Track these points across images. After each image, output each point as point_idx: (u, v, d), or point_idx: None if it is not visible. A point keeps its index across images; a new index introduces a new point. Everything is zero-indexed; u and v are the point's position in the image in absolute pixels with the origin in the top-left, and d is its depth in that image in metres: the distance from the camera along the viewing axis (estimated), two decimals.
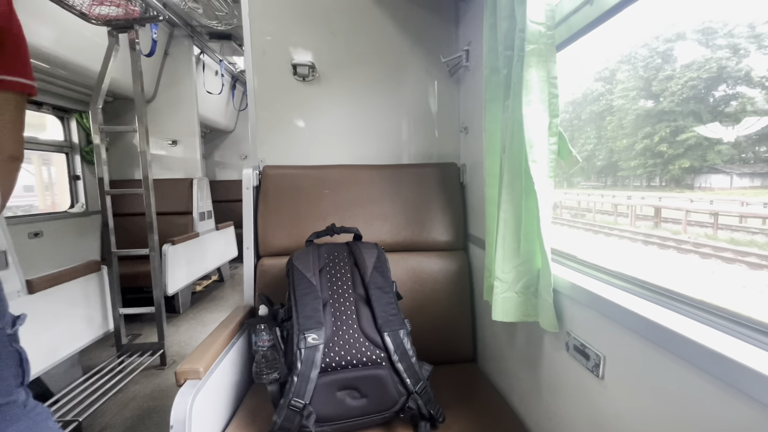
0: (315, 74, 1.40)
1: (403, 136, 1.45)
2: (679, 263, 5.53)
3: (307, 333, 0.90)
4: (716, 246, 5.50)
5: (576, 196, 10.79)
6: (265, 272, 1.27)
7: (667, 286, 0.63)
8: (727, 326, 0.51)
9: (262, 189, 1.32)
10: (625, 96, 10.37)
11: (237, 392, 1.08)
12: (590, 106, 12.72)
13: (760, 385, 0.41)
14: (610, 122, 10.90)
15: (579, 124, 13.46)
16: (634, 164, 9.84)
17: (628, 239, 7.37)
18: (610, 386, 0.65)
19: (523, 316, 0.84)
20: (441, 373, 1.19)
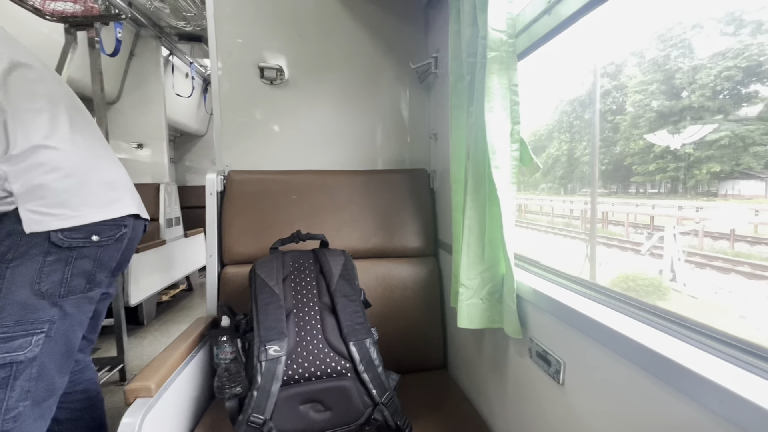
0: (283, 78, 1.37)
1: (373, 142, 1.44)
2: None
3: (269, 344, 0.86)
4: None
5: (571, 204, 9.96)
6: (229, 281, 1.22)
7: (625, 293, 0.64)
8: (679, 332, 0.52)
9: (227, 194, 1.28)
10: (643, 90, 9.13)
11: (196, 409, 1.02)
12: (595, 104, 11.44)
13: (704, 388, 0.41)
14: (623, 121, 9.93)
15: (581, 124, 12.57)
16: (653, 168, 8.68)
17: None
18: (570, 392, 0.65)
19: (488, 322, 0.84)
20: (411, 381, 1.17)
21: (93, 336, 1.15)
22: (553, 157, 13.37)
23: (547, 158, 13.29)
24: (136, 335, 2.52)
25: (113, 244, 0.98)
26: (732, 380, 0.40)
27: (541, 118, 14.79)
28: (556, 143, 13.28)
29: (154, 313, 2.83)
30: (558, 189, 13.41)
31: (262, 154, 1.38)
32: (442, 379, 1.21)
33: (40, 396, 0.86)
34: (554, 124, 13.77)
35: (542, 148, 14.27)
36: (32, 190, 0.84)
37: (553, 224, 9.34)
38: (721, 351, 0.46)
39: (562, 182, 13.31)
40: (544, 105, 14.25)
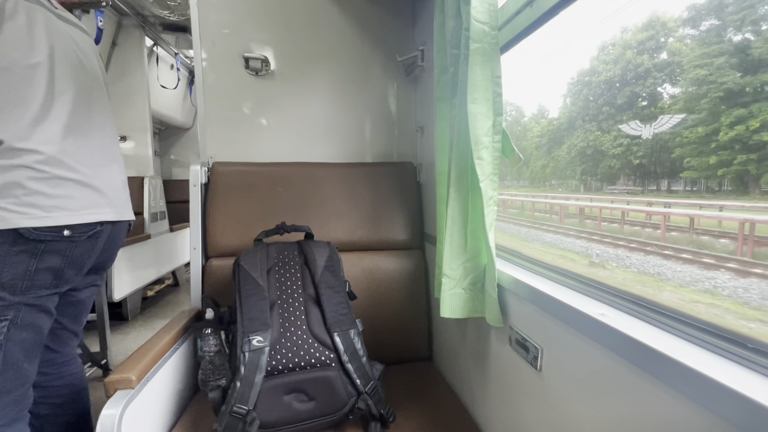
0: (268, 69, 1.35)
1: (359, 135, 1.44)
2: None
3: (252, 335, 0.86)
4: None
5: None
6: (214, 273, 1.21)
7: (600, 280, 0.66)
8: (653, 317, 0.54)
9: (211, 186, 1.26)
10: (708, 65, 7.09)
11: (180, 401, 1.01)
12: (632, 87, 9.40)
13: (676, 373, 0.42)
14: (671, 106, 7.79)
15: (611, 111, 9.99)
16: (714, 162, 7.19)
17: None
18: (547, 377, 0.66)
19: (470, 312, 0.85)
20: (396, 372, 1.19)
21: (76, 328, 1.13)
22: (578, 149, 11.25)
23: (569, 149, 11.54)
24: (120, 331, 2.49)
25: (86, 241, 0.97)
26: (706, 365, 0.41)
27: (559, 103, 12.23)
28: (579, 133, 11.18)
29: (138, 309, 2.79)
30: (578, 186, 11.73)
31: (247, 146, 1.37)
32: (427, 370, 1.22)
33: (9, 384, 0.86)
34: (578, 110, 11.44)
35: (559, 139, 12.42)
36: (5, 187, 0.84)
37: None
38: (695, 336, 0.47)
39: (582, 178, 11.64)
40: (564, 89, 12.21)
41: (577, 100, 11.61)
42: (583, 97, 11.52)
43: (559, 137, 11.99)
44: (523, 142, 16.13)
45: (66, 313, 1.07)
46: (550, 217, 9.40)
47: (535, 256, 0.74)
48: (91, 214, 0.96)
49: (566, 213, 9.06)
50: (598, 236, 6.65)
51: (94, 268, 1.10)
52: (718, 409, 0.37)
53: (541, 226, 8.21)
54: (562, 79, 13.16)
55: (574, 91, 11.94)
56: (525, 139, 16.10)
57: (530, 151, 15.61)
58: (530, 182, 15.36)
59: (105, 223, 1.01)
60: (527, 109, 19.94)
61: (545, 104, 18.63)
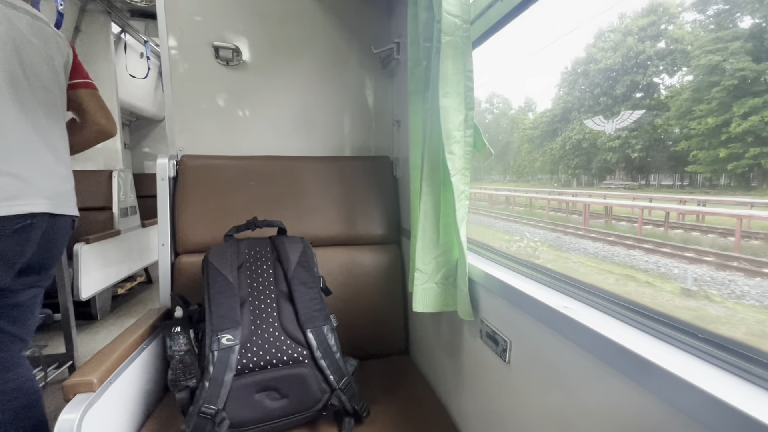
0: (240, 59, 1.31)
1: (335, 129, 1.41)
2: None
3: (221, 334, 0.84)
4: None
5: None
6: (184, 270, 1.18)
7: (566, 273, 0.67)
8: (615, 310, 0.55)
9: (180, 180, 1.22)
10: (722, 50, 6.37)
11: (148, 403, 0.98)
12: (632, 75, 8.71)
13: (635, 365, 0.43)
14: (679, 95, 7.09)
15: (608, 102, 9.16)
16: (724, 155, 6.63)
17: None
18: (516, 369, 0.67)
19: (442, 306, 0.85)
20: (373, 367, 1.19)
21: (20, 331, 1.04)
22: (573, 142, 10.56)
23: (564, 142, 10.94)
24: (89, 330, 2.39)
25: (12, 236, 0.90)
26: (661, 357, 0.42)
27: (552, 94, 11.14)
28: (575, 125, 10.48)
29: (108, 307, 2.69)
30: (570, 180, 11.19)
31: (218, 139, 1.32)
32: (403, 364, 1.23)
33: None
34: (573, 101, 10.68)
35: (553, 131, 11.67)
36: None
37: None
38: (662, 333, 0.48)
39: (575, 172, 11.18)
40: (558, 80, 11.25)
41: (572, 90, 10.86)
42: (579, 87, 10.72)
43: (552, 129, 11.40)
44: (515, 134, 15.69)
45: (3, 315, 0.99)
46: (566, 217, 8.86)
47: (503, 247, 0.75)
48: (15, 206, 0.89)
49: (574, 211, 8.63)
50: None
51: (33, 268, 1.02)
52: (675, 401, 0.38)
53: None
54: (556, 69, 12.34)
55: (570, 80, 11.28)
56: (517, 131, 15.63)
57: (519, 144, 15.18)
58: (518, 177, 14.95)
59: (38, 216, 0.94)
60: (515, 102, 18.61)
61: (533, 97, 17.44)
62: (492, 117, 17.39)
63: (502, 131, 16.02)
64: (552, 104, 12.01)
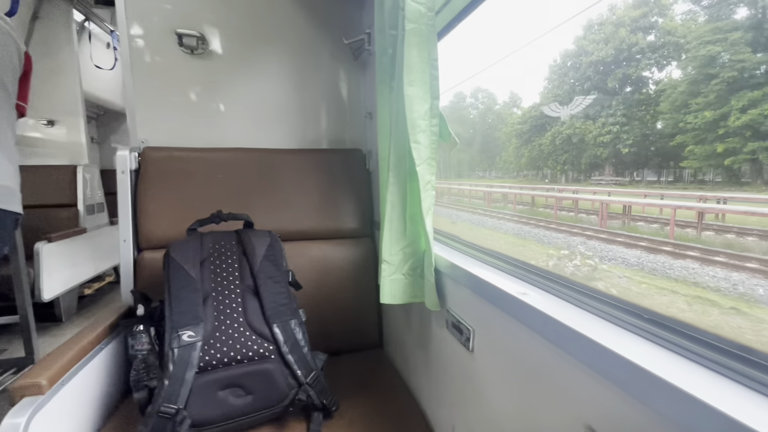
0: (206, 47, 1.26)
1: (306, 120, 1.39)
2: None
3: (182, 330, 0.81)
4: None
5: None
6: (147, 267, 1.13)
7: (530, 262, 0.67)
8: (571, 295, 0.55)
9: (142, 173, 1.17)
10: (721, 41, 6.13)
11: (108, 404, 0.94)
12: (625, 69, 8.50)
13: (591, 352, 0.42)
14: (674, 89, 6.84)
15: (599, 96, 9.13)
16: (722, 150, 6.18)
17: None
18: (479, 358, 0.68)
19: (410, 297, 0.85)
20: (346, 361, 1.18)
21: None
22: (563, 137, 10.29)
23: (553, 137, 10.56)
24: (53, 333, 2.28)
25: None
26: (607, 338, 0.42)
27: (540, 88, 10.74)
28: (565, 119, 10.44)
29: (74, 308, 2.57)
30: (558, 176, 10.78)
31: (183, 130, 1.28)
32: (376, 358, 1.22)
33: None
34: (563, 95, 10.45)
35: (541, 126, 11.35)
36: None
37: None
38: (621, 319, 0.48)
39: (564, 168, 10.84)
40: (547, 73, 10.88)
41: (562, 83, 10.65)
42: (568, 81, 10.50)
43: (541, 124, 11.12)
44: (503, 128, 15.35)
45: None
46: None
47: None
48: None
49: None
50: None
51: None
52: (626, 384, 0.38)
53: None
54: (544, 62, 11.89)
55: (560, 73, 11.02)
56: (505, 126, 15.31)
57: (506, 139, 14.85)
58: (504, 173, 14.70)
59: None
60: (501, 96, 18.13)
61: (521, 91, 16.99)
62: (477, 112, 16.96)
63: (488, 127, 15.70)
64: (541, 98, 11.46)
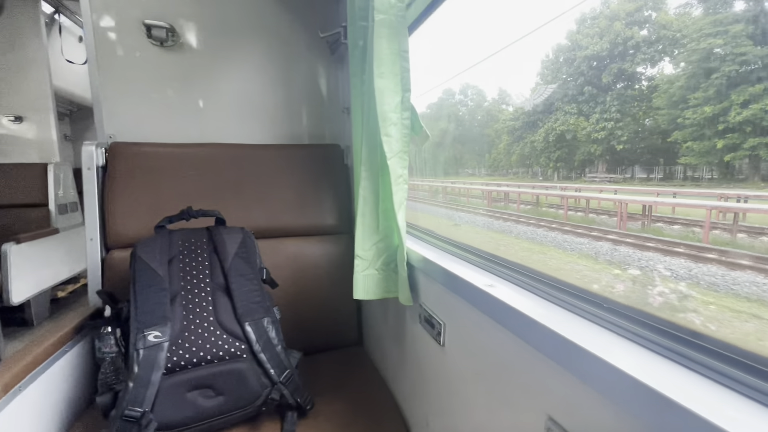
0: (176, 40, 1.23)
1: (282, 115, 1.36)
2: None
3: (148, 330, 0.78)
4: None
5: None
6: (116, 267, 1.09)
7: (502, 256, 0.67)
8: (537, 287, 0.55)
9: (110, 170, 1.13)
10: (722, 33, 5.92)
11: (73, 410, 0.91)
12: (620, 63, 8.53)
13: (552, 343, 0.42)
14: (671, 84, 6.85)
15: (593, 91, 9.06)
16: (721, 146, 5.91)
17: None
18: (450, 351, 0.67)
19: (384, 292, 0.84)
20: (325, 359, 1.16)
21: None
22: (557, 134, 10.10)
23: (547, 133, 10.30)
24: (23, 338, 2.19)
25: None
26: (589, 339, 0.40)
27: (531, 83, 10.46)
28: (558, 116, 10.13)
29: (47, 312, 2.48)
30: (551, 174, 10.64)
31: (153, 125, 1.24)
32: (356, 355, 1.21)
33: None
34: (556, 90, 10.40)
35: (532, 123, 11.10)
36: None
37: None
38: (582, 309, 0.47)
39: (557, 165, 10.61)
40: (539, 68, 10.69)
41: (555, 79, 10.40)
42: (560, 77, 10.24)
43: (533, 121, 10.80)
44: (494, 125, 14.79)
45: None
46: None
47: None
48: None
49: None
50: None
51: None
52: (585, 376, 0.38)
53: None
54: (536, 57, 11.61)
55: (553, 69, 10.63)
56: (496, 123, 14.46)
57: (495, 136, 14.34)
58: (493, 170, 14.15)
59: None
60: (492, 93, 17.45)
61: (512, 87, 16.26)
62: (466, 109, 16.37)
63: (478, 123, 15.24)
64: (532, 94, 11.04)
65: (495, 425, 0.56)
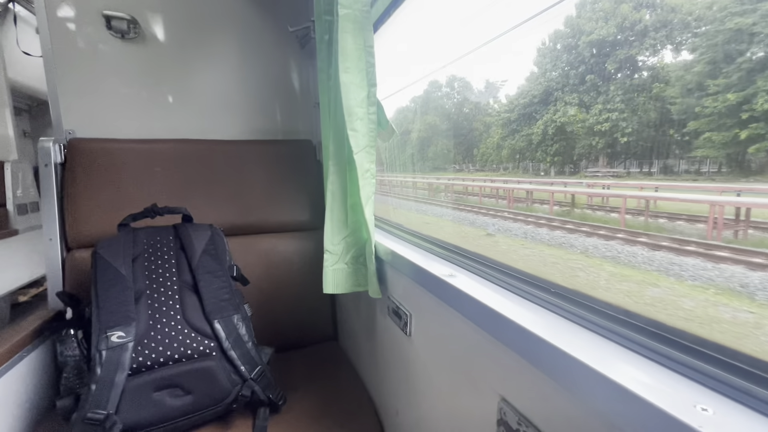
0: (138, 31, 1.18)
1: (252, 111, 1.34)
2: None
3: (111, 331, 0.76)
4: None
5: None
6: (78, 267, 1.06)
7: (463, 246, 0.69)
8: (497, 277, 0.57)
9: (69, 166, 1.08)
10: (750, 12, 5.24)
11: (32, 416, 0.87)
12: (626, 50, 7.75)
13: (503, 328, 0.44)
14: (687, 70, 6.23)
15: (595, 80, 8.34)
16: (745, 136, 5.07)
17: None
18: (416, 342, 0.69)
19: (353, 286, 0.85)
20: (299, 355, 1.16)
21: None
22: (557, 125, 9.11)
23: (545, 126, 9.38)
24: None
25: None
26: (536, 321, 0.41)
27: (526, 73, 9.64)
28: (559, 107, 9.20)
29: (7, 318, 2.35)
30: (547, 169, 9.82)
31: (115, 120, 1.19)
32: (330, 350, 1.22)
33: None
34: (557, 79, 9.32)
35: (529, 115, 10.10)
36: None
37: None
38: (530, 293, 0.49)
39: (554, 160, 9.72)
40: (535, 56, 9.85)
41: (554, 68, 9.42)
42: (560, 65, 9.25)
43: (528, 113, 9.86)
44: (483, 118, 13.68)
45: None
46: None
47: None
48: None
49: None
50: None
51: None
52: (531, 356, 0.39)
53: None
54: (531, 45, 10.53)
55: (553, 57, 9.61)
56: (487, 116, 13.26)
57: (483, 130, 13.08)
58: (481, 166, 12.67)
59: None
60: (481, 84, 16.21)
61: (500, 79, 15.00)
62: (452, 103, 15.18)
63: (465, 118, 14.18)
64: (528, 84, 10.02)
65: (455, 409, 0.58)
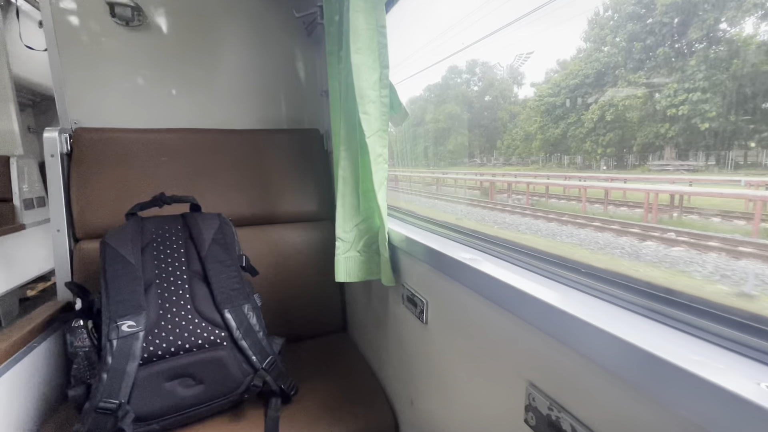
0: (142, 19, 1.16)
1: (259, 99, 1.32)
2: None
3: (121, 320, 0.75)
4: None
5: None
6: (86, 258, 1.05)
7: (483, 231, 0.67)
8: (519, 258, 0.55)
9: (76, 157, 1.07)
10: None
11: (44, 407, 0.87)
12: (716, 13, 6.40)
13: (530, 308, 0.42)
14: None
15: (670, 54, 6.83)
16: None
17: None
18: (433, 329, 0.67)
19: (366, 274, 0.83)
20: (309, 346, 1.15)
21: None
22: (617, 111, 7.12)
23: (602, 111, 8.22)
24: None
25: None
26: (567, 301, 0.40)
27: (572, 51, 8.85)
28: (622, 87, 7.84)
29: (15, 312, 2.37)
30: (597, 162, 8.33)
31: (122, 110, 1.18)
32: (340, 341, 1.21)
33: None
34: (616, 55, 8.35)
35: (574, 100, 8.24)
36: None
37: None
38: (560, 275, 0.47)
39: (606, 152, 8.44)
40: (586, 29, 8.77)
41: (613, 41, 8.12)
42: (621, 36, 7.60)
43: (574, 97, 8.86)
44: (511, 107, 11.84)
45: None
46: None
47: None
48: None
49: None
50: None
51: None
52: (563, 337, 0.38)
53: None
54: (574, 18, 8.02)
55: (612, 27, 7.95)
56: (511, 104, 11.51)
57: (523, 117, 11.06)
58: (507, 159, 10.98)
59: None
60: (517, 67, 13.40)
61: (535, 61, 12.01)
62: (477, 89, 12.88)
63: (486, 107, 11.99)
64: (574, 63, 8.88)
65: (477, 397, 0.56)
